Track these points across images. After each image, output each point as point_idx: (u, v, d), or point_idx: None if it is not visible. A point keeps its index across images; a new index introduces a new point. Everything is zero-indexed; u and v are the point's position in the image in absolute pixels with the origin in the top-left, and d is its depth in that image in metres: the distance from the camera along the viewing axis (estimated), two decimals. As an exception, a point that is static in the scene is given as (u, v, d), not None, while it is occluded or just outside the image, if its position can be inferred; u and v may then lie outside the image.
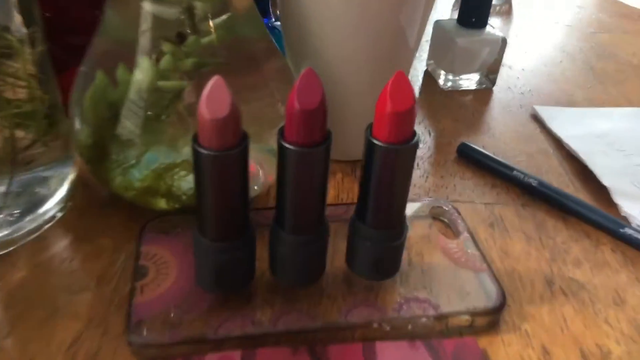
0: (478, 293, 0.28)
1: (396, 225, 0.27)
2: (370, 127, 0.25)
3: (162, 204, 0.32)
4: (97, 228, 0.32)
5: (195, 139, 0.23)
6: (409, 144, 0.24)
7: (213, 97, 0.22)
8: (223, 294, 0.27)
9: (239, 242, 0.26)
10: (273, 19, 0.50)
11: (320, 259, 0.28)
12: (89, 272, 0.29)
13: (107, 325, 0.27)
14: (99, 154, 0.32)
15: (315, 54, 0.35)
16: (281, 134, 0.24)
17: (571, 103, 0.49)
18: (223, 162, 0.23)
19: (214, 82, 0.22)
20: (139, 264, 0.29)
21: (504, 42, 0.47)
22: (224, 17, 0.31)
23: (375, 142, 0.24)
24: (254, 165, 0.35)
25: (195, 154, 0.23)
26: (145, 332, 0.25)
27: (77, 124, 0.32)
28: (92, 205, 0.34)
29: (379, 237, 0.27)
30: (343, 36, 0.34)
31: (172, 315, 0.26)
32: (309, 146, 0.23)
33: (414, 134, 0.24)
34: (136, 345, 0.25)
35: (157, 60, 0.30)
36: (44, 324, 0.26)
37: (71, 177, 0.34)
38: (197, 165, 0.23)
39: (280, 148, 0.24)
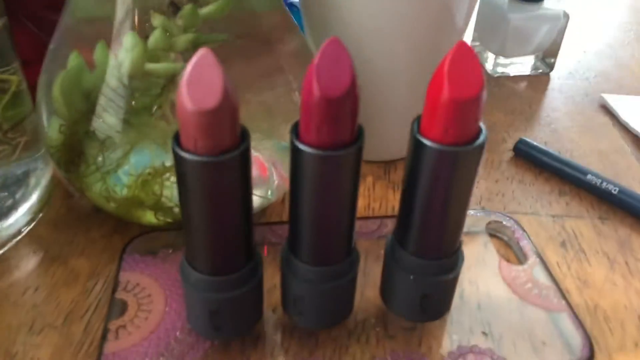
0: (556, 341, 0.21)
1: (449, 254, 0.20)
2: (417, 122, 0.18)
3: (149, 217, 0.26)
4: (73, 245, 0.26)
5: (176, 139, 0.17)
6: (474, 145, 0.17)
7: (198, 80, 0.16)
8: (222, 340, 0.21)
9: (240, 274, 0.19)
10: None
11: (348, 296, 0.21)
12: (57, 304, 0.23)
13: (71, 379, 0.21)
14: (73, 155, 0.25)
15: (342, 32, 0.28)
16: (295, 131, 0.17)
17: (645, 91, 0.41)
18: (214, 170, 0.17)
19: (199, 58, 0.16)
20: (115, 297, 0.22)
21: (566, 18, 0.40)
22: (226, -18, 0.24)
23: (426, 142, 0.17)
24: (265, 167, 0.28)
25: (177, 159, 0.17)
26: (115, 395, 0.19)
27: (45, 118, 0.26)
28: (71, 216, 0.28)
29: (426, 268, 0.20)
30: (377, 10, 0.27)
31: (152, 369, 0.20)
32: (334, 148, 0.17)
33: (479, 130, 0.18)
34: (104, 412, 0.19)
35: (145, 36, 0.24)
36: (-7, 376, 0.21)
37: (43, 181, 0.28)
38: (180, 175, 0.17)
39: (294, 151, 0.17)
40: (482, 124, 0.18)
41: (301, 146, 0.17)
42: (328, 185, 0.18)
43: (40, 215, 0.28)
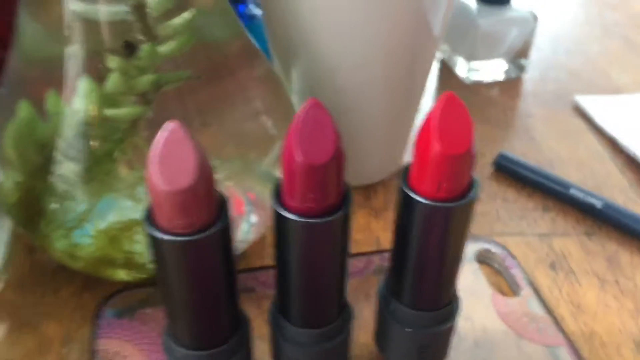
0: (557, 377, 0.21)
1: (446, 303, 0.19)
2: (405, 176, 0.17)
3: (122, 275, 0.24)
4: (42, 308, 0.25)
5: (149, 218, 0.15)
6: (467, 198, 0.16)
7: (169, 157, 0.14)
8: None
9: (229, 346, 0.18)
10: (250, 6, 0.41)
11: (343, 354, 0.20)
12: (29, 380, 0.22)
13: None
14: (31, 211, 0.24)
15: (309, 47, 0.26)
16: (277, 196, 0.16)
17: (617, 89, 0.41)
18: (194, 250, 0.15)
19: (168, 134, 0.14)
20: (92, 371, 0.21)
21: (534, 19, 0.39)
22: (185, 15, 0.23)
23: (418, 198, 0.16)
24: (241, 201, 0.27)
25: (152, 240, 0.15)
26: None
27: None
28: (36, 275, 0.26)
29: (423, 320, 0.19)
30: (349, 20, 0.25)
31: None
32: (321, 214, 0.16)
33: (471, 183, 0.17)
34: None
35: (99, 78, 0.22)
36: None
37: (4, 238, 0.26)
38: (157, 255, 0.16)
39: (279, 218, 0.16)
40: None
41: (286, 214, 0.16)
42: (317, 252, 0.16)
43: (5, 276, 0.26)
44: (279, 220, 0.16)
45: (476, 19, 0.39)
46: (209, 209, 0.15)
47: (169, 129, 0.14)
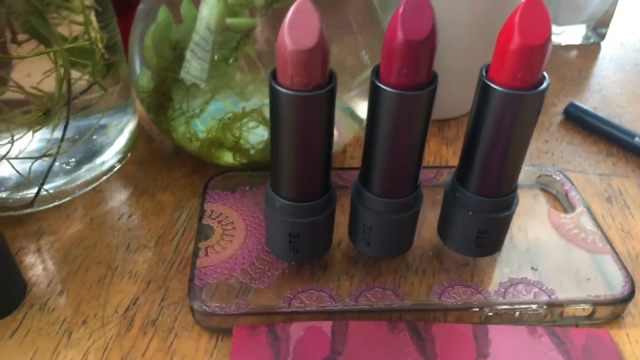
0: (599, 279, 0.23)
1: (507, 192, 0.22)
2: (486, 68, 0.20)
3: (228, 158, 0.28)
4: (158, 182, 0.29)
5: (274, 76, 0.19)
6: (539, 89, 0.19)
7: (298, 23, 0.18)
8: (298, 262, 0.24)
9: (319, 203, 0.22)
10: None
11: (412, 228, 0.23)
12: (149, 230, 0.27)
13: (167, 289, 0.24)
14: (161, 100, 0.28)
15: None
16: (376, 73, 0.20)
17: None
18: (308, 104, 0.19)
19: (298, 4, 0.18)
20: (203, 222, 0.25)
21: (620, -12, 0.41)
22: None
23: (494, 86, 0.19)
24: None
25: (274, 94, 0.19)
26: (210, 300, 0.22)
27: (137, 67, 0.29)
28: (154, 158, 0.31)
29: (484, 205, 0.22)
30: None
31: (240, 281, 0.23)
32: (413, 89, 0.19)
33: (543, 77, 0.20)
34: (200, 314, 0.22)
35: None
36: (100, 284, 0.24)
37: (131, 125, 0.31)
38: (275, 108, 0.20)
39: (375, 90, 0.20)
40: (545, 73, 0.20)
41: (383, 87, 0.19)
42: (403, 123, 0.20)
43: (128, 156, 0.31)
44: (375, 93, 0.20)
45: (561, -18, 0.40)
46: (323, 73, 0.19)
47: (299, 1, 0.18)
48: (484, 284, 0.24)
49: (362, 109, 0.29)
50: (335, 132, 0.31)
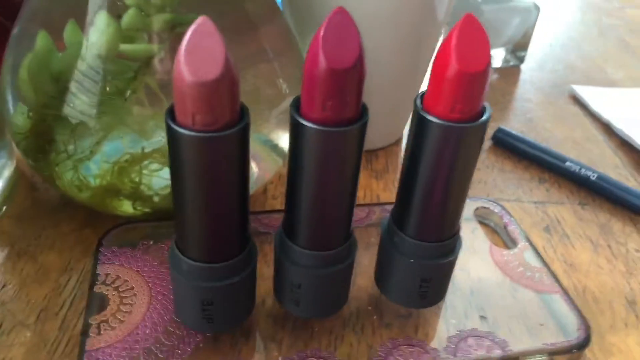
0: (551, 323, 0.21)
1: (451, 235, 0.20)
2: (421, 97, 0.18)
3: (127, 207, 0.24)
4: (41, 240, 0.25)
5: (171, 114, 0.16)
6: (480, 120, 0.17)
7: (197, 49, 0.15)
8: (214, 333, 0.20)
9: (236, 262, 0.18)
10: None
11: (346, 282, 0.20)
12: (28, 302, 0.22)
13: (48, 381, 0.19)
14: (42, 142, 0.24)
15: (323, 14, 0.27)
16: (296, 107, 0.17)
17: (611, 83, 0.42)
18: (215, 147, 0.15)
19: (197, 26, 0.15)
20: (95, 291, 0.21)
21: (537, 10, 0.41)
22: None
23: (431, 119, 0.17)
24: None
25: (172, 135, 0.16)
26: (101, 395, 0.17)
27: (11, 104, 0.24)
28: (36, 210, 0.26)
29: (427, 251, 0.19)
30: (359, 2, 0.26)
31: (141, 366, 0.18)
32: (340, 124, 0.16)
33: (483, 107, 0.17)
34: (88, 414, 0.17)
35: (119, 16, 0.22)
36: (-43, 381, 0.19)
37: (7, 172, 0.26)
38: (175, 152, 0.16)
39: (296, 127, 0.16)
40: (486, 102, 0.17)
41: (305, 123, 0.16)
42: (331, 164, 0.17)
43: (4, 209, 0.26)
44: (296, 130, 0.16)
45: (480, 6, 0.40)
46: (232, 109, 0.16)
47: (198, 22, 0.15)
48: (430, 338, 0.21)
49: (284, 140, 0.26)
50: (255, 168, 0.27)
